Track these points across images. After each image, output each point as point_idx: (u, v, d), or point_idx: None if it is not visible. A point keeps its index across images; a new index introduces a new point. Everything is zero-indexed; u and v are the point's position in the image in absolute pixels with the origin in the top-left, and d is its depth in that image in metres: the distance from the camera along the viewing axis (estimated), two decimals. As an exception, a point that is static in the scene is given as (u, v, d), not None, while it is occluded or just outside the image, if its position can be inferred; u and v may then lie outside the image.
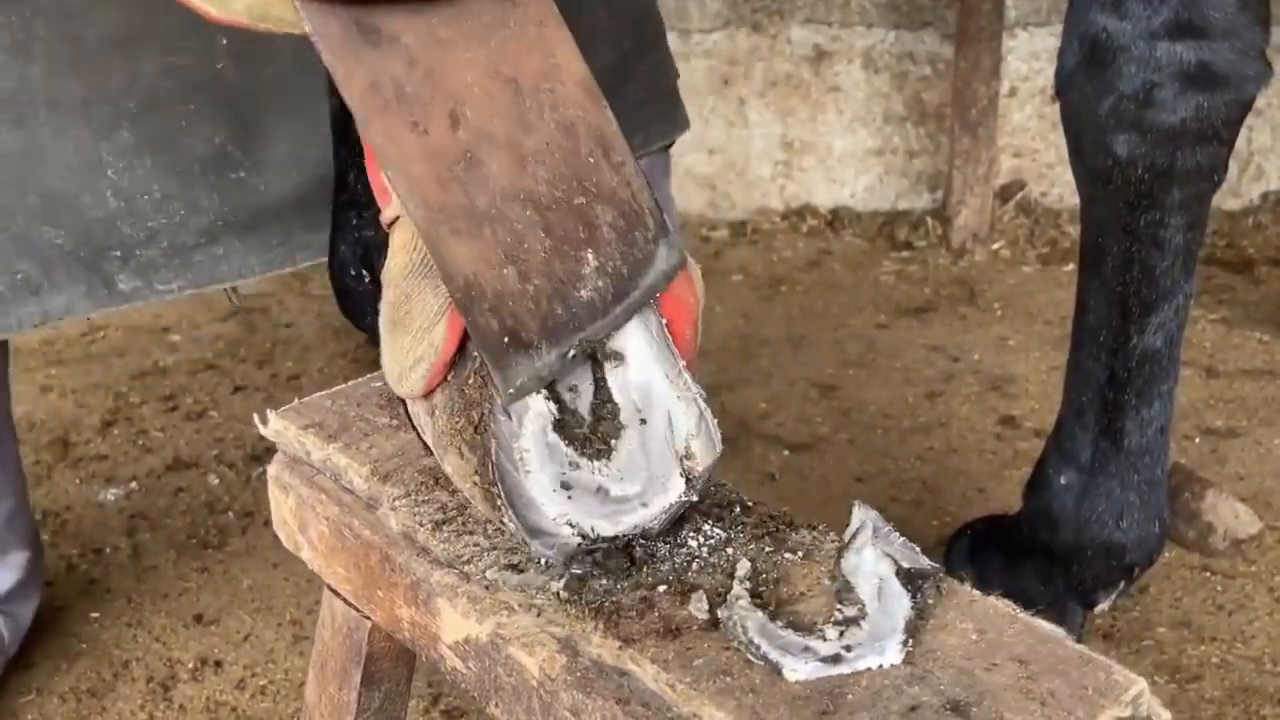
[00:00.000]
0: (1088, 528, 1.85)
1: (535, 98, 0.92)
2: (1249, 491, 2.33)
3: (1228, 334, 3.00)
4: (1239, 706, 1.83)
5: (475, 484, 0.93)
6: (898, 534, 0.89)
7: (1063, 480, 1.88)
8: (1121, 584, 1.92)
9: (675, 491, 0.95)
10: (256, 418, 1.20)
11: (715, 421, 0.97)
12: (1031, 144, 3.69)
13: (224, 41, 1.66)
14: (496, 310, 0.89)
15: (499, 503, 0.91)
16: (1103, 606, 1.94)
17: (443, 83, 0.89)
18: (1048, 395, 2.68)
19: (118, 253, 1.65)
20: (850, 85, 3.68)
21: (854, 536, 0.89)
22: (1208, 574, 2.14)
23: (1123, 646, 1.96)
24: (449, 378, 0.95)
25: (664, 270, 0.96)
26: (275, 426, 1.19)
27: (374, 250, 2.32)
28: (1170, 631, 2.00)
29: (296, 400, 1.22)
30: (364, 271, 2.49)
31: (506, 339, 0.89)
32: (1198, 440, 2.53)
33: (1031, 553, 1.93)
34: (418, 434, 1.04)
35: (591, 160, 0.94)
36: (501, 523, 0.93)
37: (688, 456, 0.96)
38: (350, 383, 1.26)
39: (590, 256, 0.92)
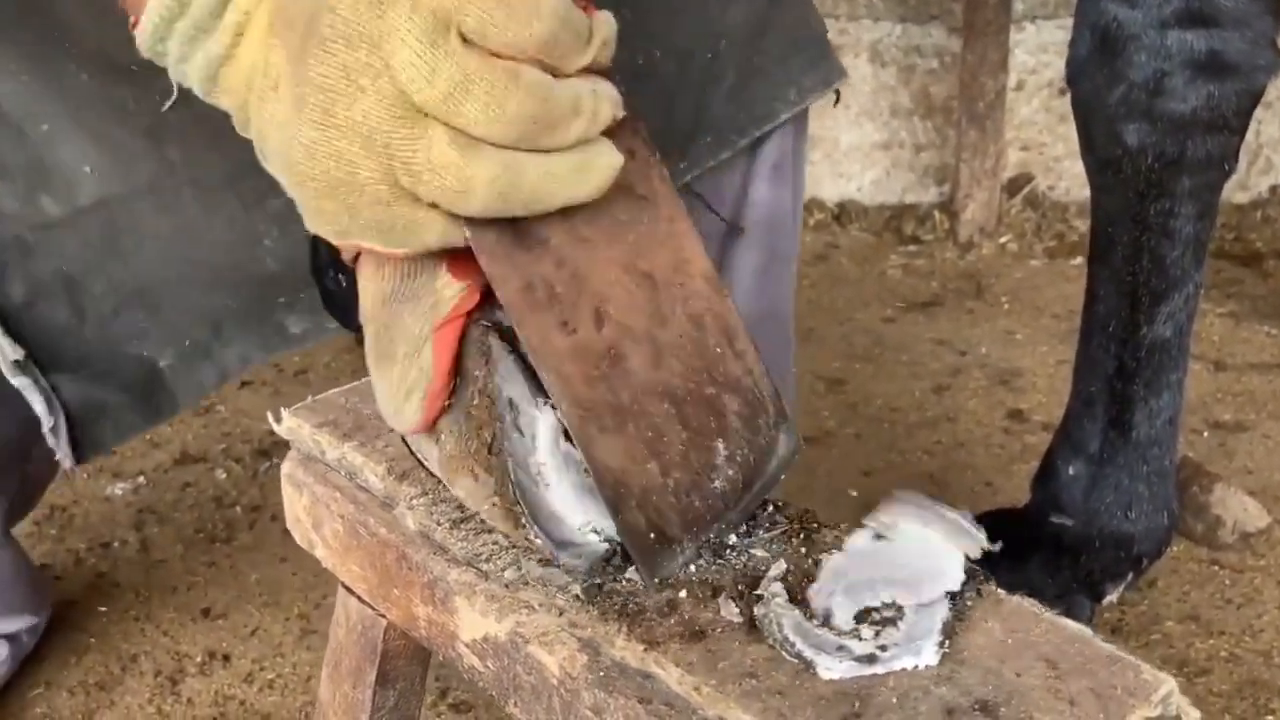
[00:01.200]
0: (1096, 519, 1.85)
1: (668, 291, 0.94)
2: (1258, 485, 2.33)
3: (1236, 327, 3.00)
4: (1247, 700, 1.83)
5: (495, 505, 0.93)
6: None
7: (1071, 471, 1.88)
8: (1130, 576, 1.92)
9: None
10: (270, 416, 1.20)
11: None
12: (1039, 137, 3.68)
13: None
14: (643, 507, 0.89)
15: (523, 520, 0.91)
16: (1111, 599, 1.94)
17: (588, 281, 0.89)
18: (1055, 389, 2.67)
19: (284, 299, 1.63)
20: (857, 79, 3.67)
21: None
22: (1216, 568, 2.14)
23: (1131, 640, 1.96)
24: (450, 402, 0.95)
25: (783, 456, 0.97)
26: (289, 424, 1.18)
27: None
28: (1178, 625, 2.00)
29: (310, 398, 1.21)
30: (340, 275, 2.49)
31: (653, 535, 0.89)
32: (1206, 434, 2.53)
33: (1039, 545, 1.92)
34: (419, 462, 1.03)
35: (718, 350, 0.95)
36: (527, 539, 0.92)
37: None
38: (364, 379, 1.25)
39: (721, 446, 0.93)
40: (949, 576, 0.86)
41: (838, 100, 1.88)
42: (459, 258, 0.88)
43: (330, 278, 2.58)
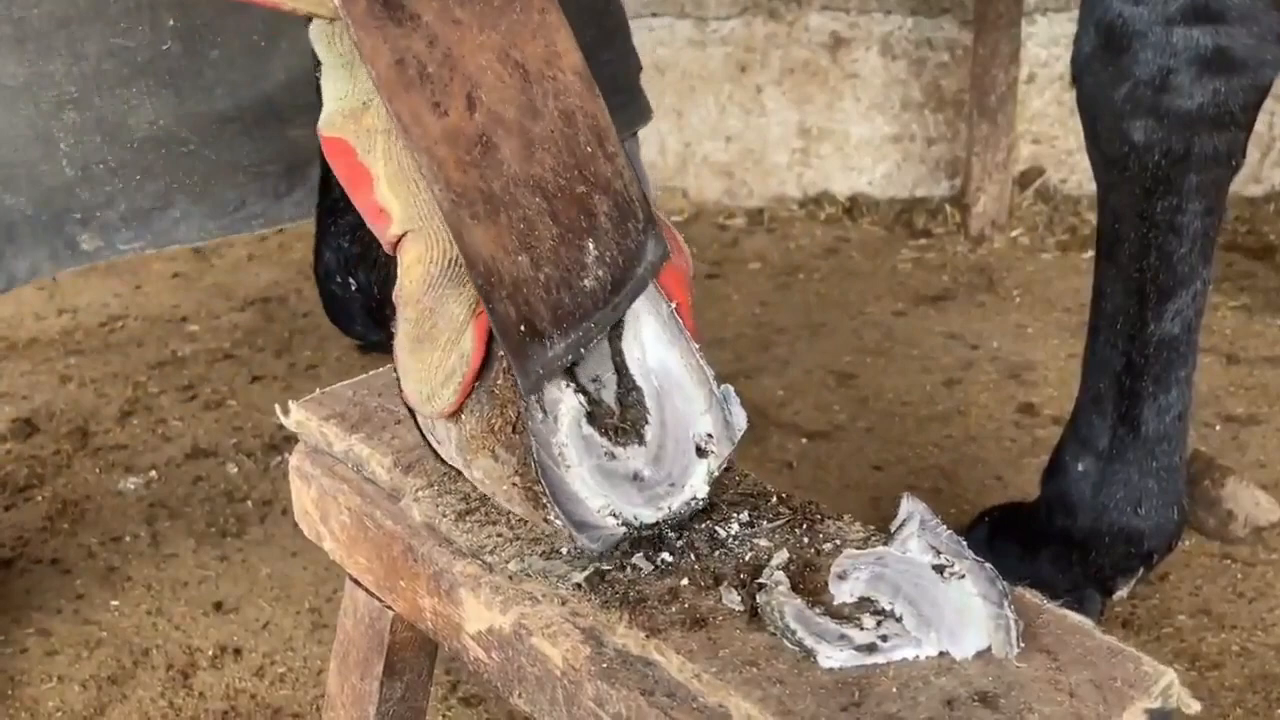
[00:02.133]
0: (1106, 514, 1.84)
1: (540, 84, 0.93)
2: (1270, 479, 2.32)
3: (1248, 320, 2.99)
4: (1259, 694, 1.83)
5: (515, 485, 0.93)
6: (945, 527, 0.88)
7: (1080, 467, 1.88)
8: (1140, 571, 1.91)
9: (699, 470, 0.96)
10: (278, 408, 1.20)
11: (737, 399, 0.98)
12: (1050, 130, 3.67)
13: (171, 22, 1.67)
14: (514, 298, 0.89)
15: (544, 500, 0.91)
16: (1121, 594, 1.94)
17: (460, 64, 0.89)
18: (1066, 383, 2.66)
19: (78, 215, 1.68)
20: (868, 72, 3.66)
21: (900, 527, 0.89)
22: (1228, 561, 2.13)
23: (1142, 634, 1.96)
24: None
25: (652, 261, 0.97)
26: (297, 417, 1.19)
27: (353, 261, 2.31)
28: (1190, 619, 1.99)
29: (318, 391, 1.22)
30: (349, 279, 2.49)
31: (523, 327, 0.89)
32: (1218, 427, 2.52)
33: (1049, 540, 1.92)
34: (431, 448, 1.03)
35: (589, 150, 0.95)
36: (546, 520, 0.92)
37: (707, 435, 0.96)
38: (371, 373, 1.26)
39: (591, 245, 0.93)
40: (960, 645, 0.82)
41: (633, 135, 1.99)
42: None
43: (337, 283, 2.59)
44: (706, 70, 3.69)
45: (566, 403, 0.93)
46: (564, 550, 0.95)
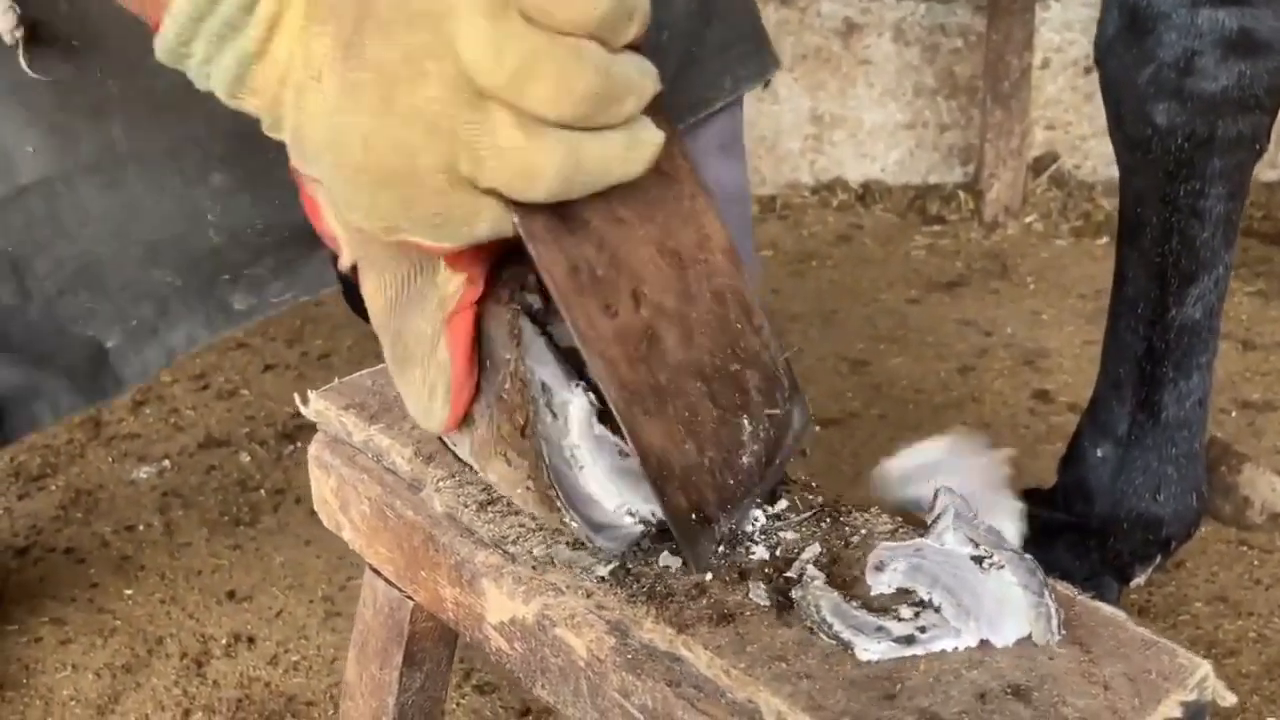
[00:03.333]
0: (1124, 501, 1.83)
1: (694, 269, 0.93)
2: (1287, 466, 2.31)
3: (1265, 306, 2.97)
4: (1276, 681, 1.82)
5: (529, 489, 0.92)
6: (982, 519, 0.87)
7: (1099, 453, 1.86)
8: (1158, 558, 1.90)
9: None
10: (297, 398, 1.19)
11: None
12: (1064, 116, 3.65)
13: None
14: (685, 488, 0.88)
15: (559, 504, 0.90)
16: (1138, 581, 1.93)
17: (626, 263, 0.89)
18: (1082, 369, 2.65)
19: (228, 276, 1.63)
20: (881, 58, 3.65)
21: (937, 520, 0.88)
22: (1244, 548, 2.12)
23: (1158, 622, 1.95)
24: (480, 388, 0.94)
25: (797, 429, 0.97)
26: (316, 406, 1.18)
27: None
28: (1206, 606, 1.98)
29: (336, 380, 1.21)
30: None
31: (694, 515, 0.89)
32: (1234, 413, 2.51)
33: (1066, 526, 1.91)
34: (450, 450, 1.03)
35: (739, 326, 0.95)
36: (562, 523, 0.92)
37: None
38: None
39: (746, 422, 0.93)
40: (1000, 634, 0.82)
41: (767, 85, 1.93)
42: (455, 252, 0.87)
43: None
44: (718, 56, 3.66)
45: (577, 403, 0.93)
46: (593, 544, 0.94)
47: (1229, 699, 0.76)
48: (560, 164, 0.77)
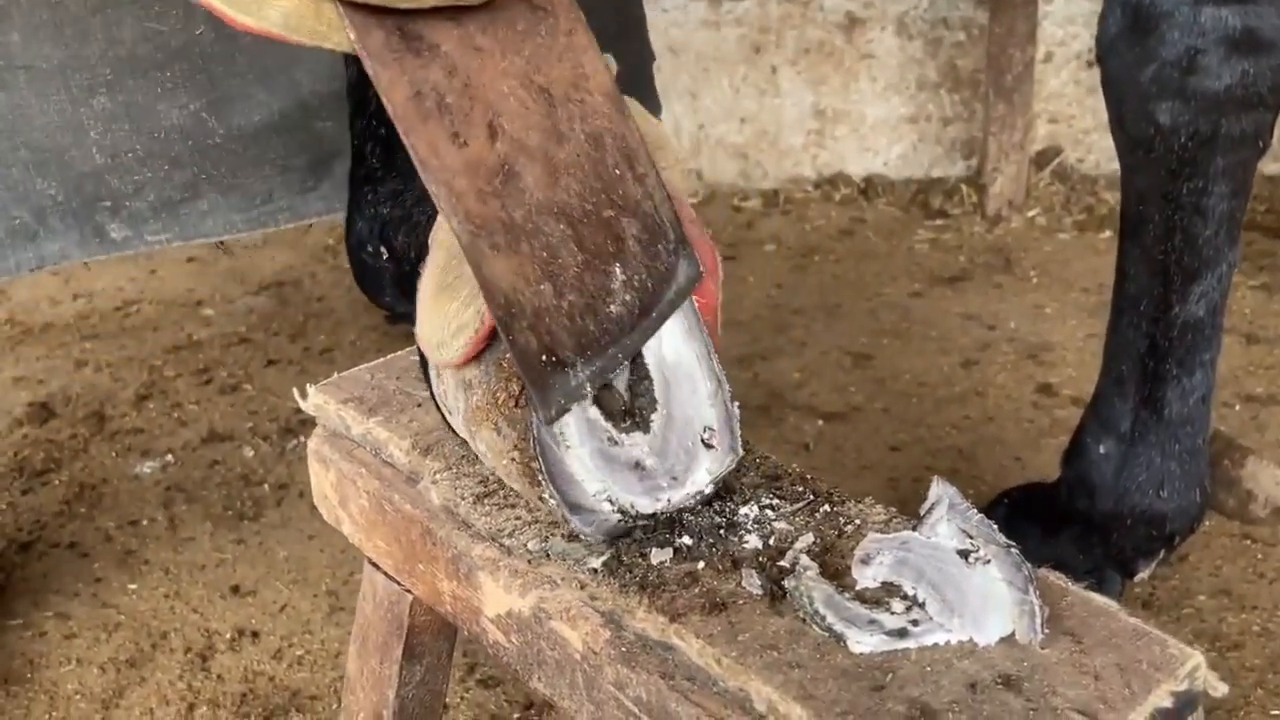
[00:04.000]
0: (1127, 496, 1.83)
1: (566, 108, 0.92)
2: (1290, 460, 2.30)
3: (1268, 300, 2.97)
4: (1280, 675, 1.82)
5: (514, 460, 0.92)
6: (975, 511, 0.87)
7: (1102, 449, 1.86)
8: (1161, 553, 1.90)
9: (703, 466, 0.95)
10: (296, 392, 1.20)
11: (736, 405, 0.97)
12: (1067, 109, 3.65)
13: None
14: (535, 328, 0.88)
15: (540, 477, 0.90)
16: (1142, 575, 1.93)
17: (481, 93, 0.88)
18: (1085, 363, 2.65)
19: (108, 204, 1.73)
20: (883, 52, 3.64)
21: (930, 511, 0.88)
22: (1248, 542, 2.12)
23: (1162, 615, 1.95)
24: (484, 351, 0.94)
25: (682, 284, 0.95)
26: (315, 400, 1.18)
27: (390, 227, 2.31)
28: (1210, 600, 1.98)
29: (335, 375, 1.21)
30: (381, 248, 2.49)
31: (544, 357, 0.88)
32: (1238, 407, 2.51)
33: (1069, 521, 1.91)
34: (441, 414, 1.03)
35: (618, 172, 0.93)
36: (540, 499, 0.92)
37: (713, 433, 0.95)
38: (389, 356, 1.25)
39: (618, 270, 0.92)
40: (984, 631, 0.82)
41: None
42: None
43: (368, 252, 2.58)
44: (721, 52, 3.67)
45: None
46: (583, 536, 0.94)
47: (1221, 689, 0.76)
48: None
